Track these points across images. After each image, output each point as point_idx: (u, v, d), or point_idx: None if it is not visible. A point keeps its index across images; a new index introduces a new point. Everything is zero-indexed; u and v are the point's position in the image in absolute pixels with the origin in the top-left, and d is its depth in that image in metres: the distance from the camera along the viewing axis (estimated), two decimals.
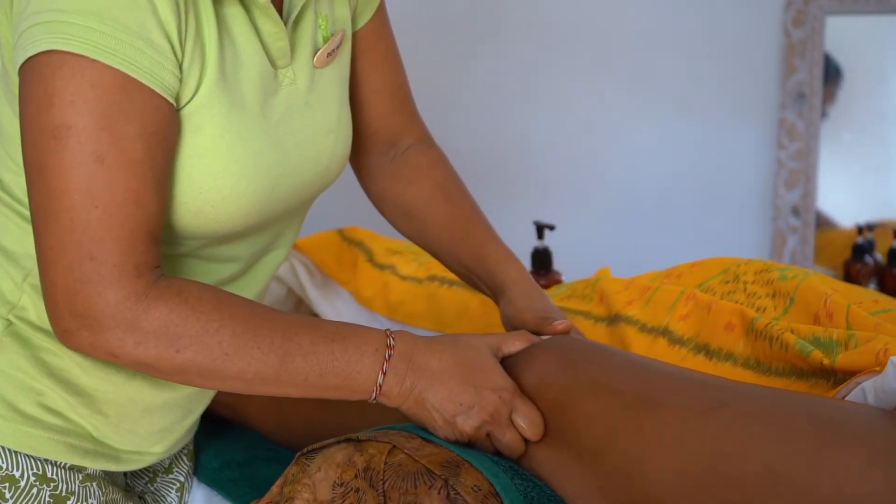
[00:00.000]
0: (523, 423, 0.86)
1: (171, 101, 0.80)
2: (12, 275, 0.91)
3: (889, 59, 2.27)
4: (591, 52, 2.31)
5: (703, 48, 2.28)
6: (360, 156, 1.14)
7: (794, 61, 2.23)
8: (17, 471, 0.90)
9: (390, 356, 0.85)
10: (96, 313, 0.77)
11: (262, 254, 1.02)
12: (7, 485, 0.89)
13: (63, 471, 0.93)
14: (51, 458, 0.92)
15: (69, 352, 0.91)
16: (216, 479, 1.14)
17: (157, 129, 0.79)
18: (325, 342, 0.83)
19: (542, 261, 1.60)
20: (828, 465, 0.66)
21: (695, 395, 0.79)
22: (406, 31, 1.33)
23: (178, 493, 1.12)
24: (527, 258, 1.53)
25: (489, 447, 0.88)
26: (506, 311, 1.04)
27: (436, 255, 1.13)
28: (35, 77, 0.76)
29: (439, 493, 0.78)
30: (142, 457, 1.00)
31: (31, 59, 0.76)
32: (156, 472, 1.11)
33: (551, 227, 1.59)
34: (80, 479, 0.94)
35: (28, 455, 0.91)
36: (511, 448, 0.87)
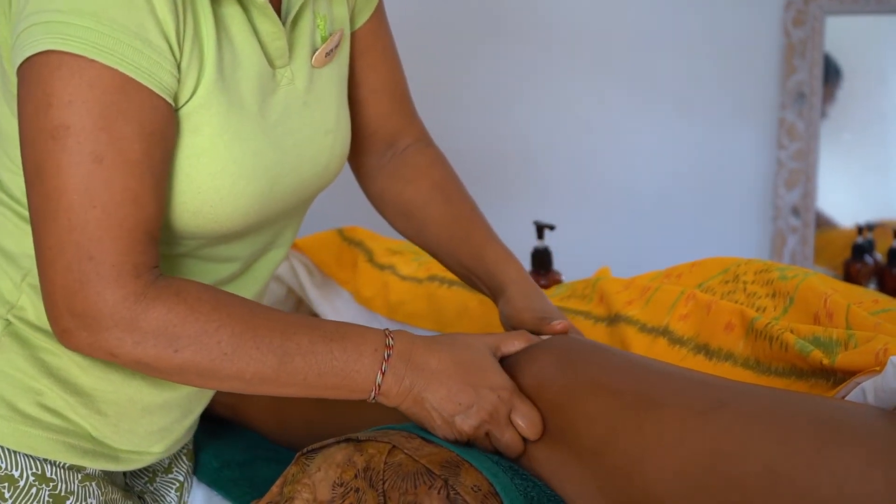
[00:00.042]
0: (522, 422, 0.86)
1: (170, 101, 0.80)
2: (11, 275, 0.91)
3: (889, 59, 2.27)
4: (591, 52, 2.31)
5: (703, 48, 2.28)
6: (358, 155, 1.14)
7: (794, 61, 2.23)
8: (17, 470, 0.90)
9: (389, 356, 0.85)
10: (95, 313, 0.77)
11: (261, 253, 1.02)
12: (6, 484, 0.89)
13: (62, 470, 0.93)
14: (50, 458, 0.92)
15: (68, 351, 0.91)
16: (216, 479, 1.14)
17: (156, 129, 0.79)
18: (324, 342, 0.83)
19: (542, 261, 1.60)
20: (828, 465, 0.66)
21: (695, 395, 0.79)
22: (406, 31, 1.33)
23: (178, 493, 1.12)
24: (527, 258, 1.53)
25: (488, 446, 0.88)
26: (504, 310, 1.04)
27: (434, 254, 1.13)
28: (33, 77, 0.76)
29: (439, 493, 0.77)
30: (141, 456, 1.00)
31: (30, 59, 0.76)
32: (155, 472, 1.11)
33: (551, 227, 1.59)
34: (79, 478, 0.94)
35: (27, 455, 0.91)
36: (510, 447, 0.87)
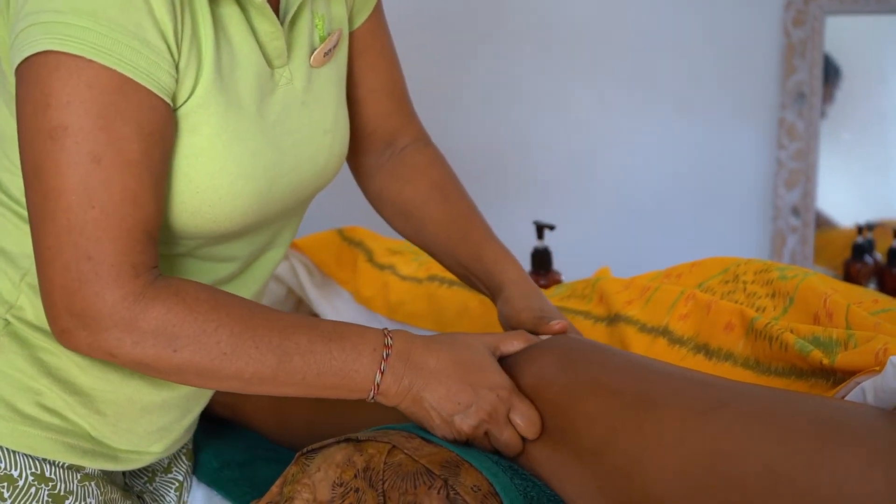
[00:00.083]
0: (521, 421, 0.86)
1: (168, 101, 0.80)
2: (10, 275, 0.91)
3: (889, 59, 2.27)
4: (591, 52, 2.31)
5: (703, 48, 2.28)
6: (357, 155, 1.14)
7: (794, 61, 2.23)
8: (16, 470, 0.90)
9: (388, 355, 0.85)
10: (94, 313, 0.77)
11: (260, 253, 1.02)
12: (5, 484, 0.89)
13: (61, 470, 0.93)
14: (49, 458, 0.91)
15: (67, 351, 0.91)
16: (216, 479, 1.14)
17: (154, 129, 0.79)
18: (323, 341, 0.83)
19: (541, 261, 1.60)
20: (828, 465, 0.66)
21: (695, 395, 0.78)
22: (405, 31, 1.33)
23: (177, 493, 1.12)
24: (527, 258, 1.53)
25: (487, 446, 0.88)
26: (503, 310, 1.04)
27: (433, 254, 1.13)
28: (32, 78, 0.76)
29: (439, 493, 0.77)
30: (140, 456, 0.99)
31: (28, 59, 0.76)
32: (155, 472, 1.11)
33: (551, 227, 1.59)
34: (78, 478, 0.94)
35: (26, 454, 0.91)
36: (509, 446, 0.87)
